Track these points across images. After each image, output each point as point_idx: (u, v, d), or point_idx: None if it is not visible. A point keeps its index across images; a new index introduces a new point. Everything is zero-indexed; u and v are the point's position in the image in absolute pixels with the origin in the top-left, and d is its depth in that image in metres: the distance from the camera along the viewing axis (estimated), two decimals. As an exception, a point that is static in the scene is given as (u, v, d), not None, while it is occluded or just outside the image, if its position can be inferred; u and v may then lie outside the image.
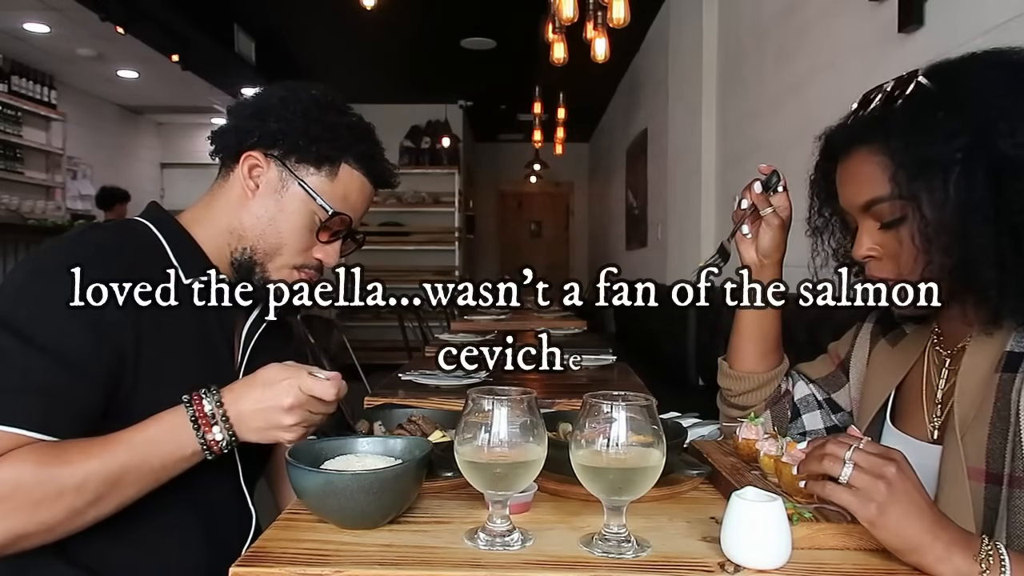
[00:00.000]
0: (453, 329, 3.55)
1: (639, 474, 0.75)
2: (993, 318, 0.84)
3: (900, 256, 0.90)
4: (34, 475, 0.80)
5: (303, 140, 1.07)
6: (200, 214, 1.11)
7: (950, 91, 0.85)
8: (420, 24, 5.97)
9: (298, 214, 1.08)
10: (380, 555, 0.74)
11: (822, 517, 0.79)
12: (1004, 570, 0.68)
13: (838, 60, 2.64)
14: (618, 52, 4.08)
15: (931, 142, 0.83)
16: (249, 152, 1.07)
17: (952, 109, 0.83)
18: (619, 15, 3.16)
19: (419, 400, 1.69)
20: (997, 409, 0.82)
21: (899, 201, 0.87)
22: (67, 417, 0.86)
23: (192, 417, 0.89)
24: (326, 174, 1.09)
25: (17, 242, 4.58)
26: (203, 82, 6.86)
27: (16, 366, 0.85)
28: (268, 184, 1.08)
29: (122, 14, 4.95)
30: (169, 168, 9.79)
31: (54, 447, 0.84)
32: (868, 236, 0.92)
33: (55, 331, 0.88)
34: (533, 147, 7.89)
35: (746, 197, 1.14)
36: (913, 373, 1.01)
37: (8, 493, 0.79)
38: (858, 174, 0.92)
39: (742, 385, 1.20)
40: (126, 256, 0.98)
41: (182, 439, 0.89)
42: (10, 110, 6.77)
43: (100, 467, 0.84)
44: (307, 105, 1.08)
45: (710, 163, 4.32)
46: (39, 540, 0.83)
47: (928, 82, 0.87)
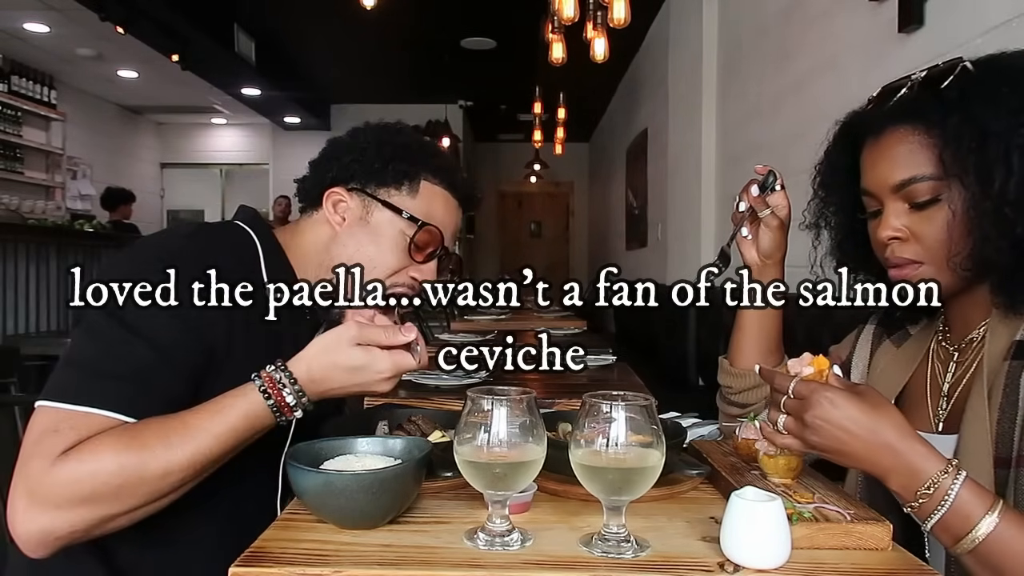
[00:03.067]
0: (453, 329, 3.55)
1: (638, 474, 0.75)
2: (1017, 300, 0.84)
3: (928, 238, 0.89)
4: (114, 462, 0.81)
5: (378, 163, 1.09)
6: (289, 239, 1.13)
7: (1006, 73, 0.85)
8: (420, 24, 5.97)
9: (386, 236, 1.09)
10: (380, 555, 0.74)
11: (822, 517, 0.80)
12: (942, 507, 0.75)
13: (838, 60, 2.64)
14: (618, 52, 4.08)
15: (995, 115, 0.82)
16: (331, 189, 1.10)
17: (1016, 85, 0.83)
18: (619, 15, 3.17)
19: (419, 400, 1.69)
20: (1007, 395, 0.84)
21: (942, 180, 0.86)
22: (157, 405, 0.88)
23: (273, 407, 0.89)
24: (407, 192, 1.11)
25: (17, 242, 4.58)
26: (203, 82, 6.87)
27: (117, 353, 0.87)
28: (353, 214, 1.10)
29: (122, 14, 4.95)
30: (169, 168, 9.80)
31: (134, 431, 0.84)
32: (895, 217, 0.91)
33: (157, 325, 0.90)
34: (533, 147, 7.89)
35: (743, 200, 1.14)
36: (917, 371, 1.02)
37: (87, 476, 0.80)
38: (894, 153, 0.90)
39: (742, 383, 1.20)
40: (230, 261, 0.99)
41: (261, 423, 0.90)
42: (10, 110, 6.78)
43: (180, 453, 0.84)
44: (376, 133, 1.12)
45: (710, 163, 4.33)
46: (125, 521, 0.84)
47: (974, 68, 0.87)
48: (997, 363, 0.86)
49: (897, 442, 0.79)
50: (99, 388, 0.85)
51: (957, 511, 0.75)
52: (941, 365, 0.98)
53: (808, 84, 2.94)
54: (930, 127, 0.87)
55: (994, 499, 0.75)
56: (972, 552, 0.75)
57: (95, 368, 0.87)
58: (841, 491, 0.91)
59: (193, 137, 9.81)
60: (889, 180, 0.91)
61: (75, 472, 0.80)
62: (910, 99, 0.91)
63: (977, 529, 0.74)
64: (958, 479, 0.76)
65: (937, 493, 0.76)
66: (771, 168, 1.14)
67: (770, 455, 0.94)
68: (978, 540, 0.74)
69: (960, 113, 0.84)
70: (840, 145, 1.03)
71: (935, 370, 0.99)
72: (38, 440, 0.81)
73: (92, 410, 0.83)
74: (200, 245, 1.02)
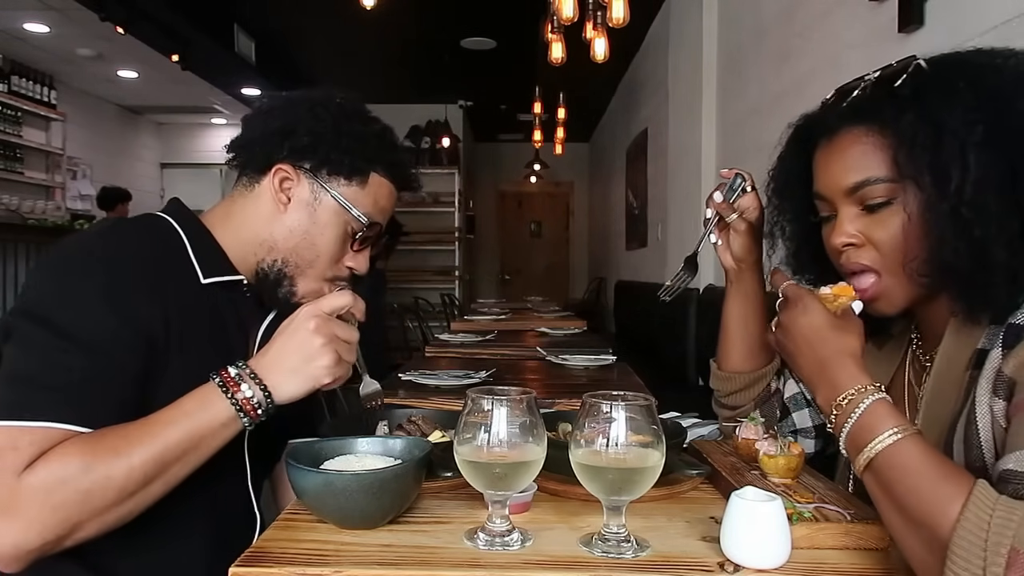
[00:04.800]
0: (453, 329, 3.55)
1: (638, 474, 0.75)
2: (975, 307, 0.80)
3: (883, 243, 0.86)
4: (80, 463, 0.81)
5: (335, 153, 1.07)
6: (222, 218, 1.10)
7: (961, 70, 0.82)
8: (420, 24, 5.97)
9: (332, 226, 1.08)
10: (380, 555, 0.74)
11: (822, 517, 0.79)
12: (851, 418, 0.75)
13: (838, 60, 2.64)
14: (618, 52, 4.08)
15: (950, 112, 0.78)
16: (279, 165, 1.07)
17: (971, 83, 0.79)
18: (619, 15, 3.16)
19: (419, 400, 1.69)
20: (970, 409, 0.79)
21: (897, 183, 0.83)
22: (108, 411, 0.87)
23: (219, 384, 0.90)
24: (357, 184, 1.09)
25: (17, 242, 4.58)
26: (203, 82, 6.87)
27: (57, 363, 0.86)
28: (300, 197, 1.08)
29: (122, 14, 4.95)
30: (169, 168, 9.80)
31: (95, 437, 0.84)
32: (849, 223, 0.88)
33: (91, 326, 0.88)
34: (533, 147, 7.88)
35: (710, 207, 1.14)
36: (897, 377, 0.99)
37: (57, 485, 0.80)
38: (847, 155, 0.87)
39: (729, 385, 1.20)
40: (153, 251, 0.99)
41: (215, 405, 0.89)
42: (10, 110, 6.78)
43: (142, 448, 0.84)
44: (336, 116, 1.08)
45: (710, 163, 4.32)
46: (96, 528, 0.83)
47: (927, 66, 0.84)
48: (959, 373, 0.83)
49: (834, 357, 0.80)
50: (48, 401, 0.84)
51: (863, 423, 0.73)
52: (915, 377, 0.95)
53: (808, 84, 2.94)
54: (884, 127, 0.84)
55: (907, 423, 0.72)
56: (868, 467, 0.72)
57: (40, 382, 0.85)
58: (841, 491, 0.91)
59: (193, 137, 9.80)
60: (842, 183, 0.87)
61: (45, 481, 0.79)
62: (864, 99, 0.88)
63: (876, 441, 0.71)
64: (873, 396, 0.74)
65: (849, 406, 0.75)
66: (739, 171, 1.14)
67: (770, 455, 0.94)
68: (875, 452, 0.71)
69: (914, 111, 0.81)
70: (793, 149, 1.00)
71: (911, 379, 0.97)
72: None
73: (49, 424, 0.82)
74: (119, 237, 0.99)
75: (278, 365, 0.92)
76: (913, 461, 0.69)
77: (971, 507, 0.61)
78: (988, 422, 0.75)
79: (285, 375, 0.92)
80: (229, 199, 1.13)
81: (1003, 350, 0.74)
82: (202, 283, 1.02)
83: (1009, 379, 0.72)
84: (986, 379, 0.76)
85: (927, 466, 0.68)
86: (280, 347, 0.93)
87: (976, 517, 0.60)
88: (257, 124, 1.11)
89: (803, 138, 0.98)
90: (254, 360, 0.93)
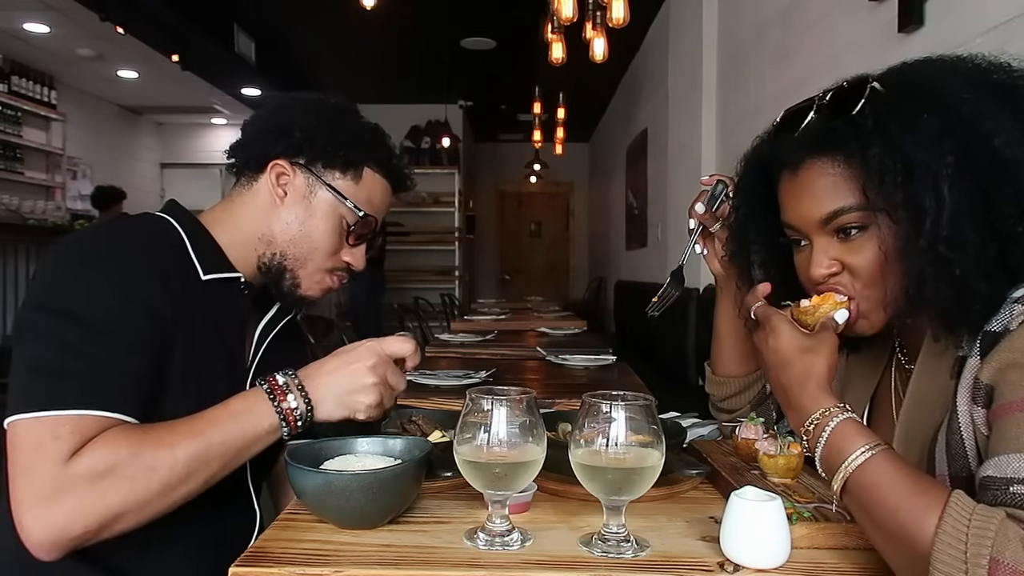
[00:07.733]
0: (453, 329, 3.55)
1: (638, 474, 0.75)
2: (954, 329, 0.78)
3: (860, 270, 0.84)
4: (128, 451, 0.82)
5: (329, 146, 1.10)
6: (221, 217, 1.12)
7: (919, 90, 0.79)
8: (420, 24, 5.97)
9: (327, 218, 1.10)
10: (379, 555, 0.74)
11: (821, 517, 0.80)
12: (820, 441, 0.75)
13: (838, 60, 2.64)
14: (618, 52, 4.08)
15: (917, 144, 0.75)
16: (275, 161, 1.09)
17: (935, 110, 0.76)
18: (618, 15, 3.16)
19: (419, 400, 1.69)
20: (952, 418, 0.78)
21: (868, 211, 0.81)
22: (136, 396, 0.89)
23: (267, 391, 0.92)
24: (351, 178, 1.12)
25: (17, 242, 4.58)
26: (203, 82, 6.86)
27: (81, 351, 0.87)
28: (296, 191, 1.10)
29: (122, 14, 4.95)
30: (169, 168, 9.79)
31: (142, 428, 0.86)
32: (824, 254, 0.86)
33: (113, 315, 0.90)
34: (533, 147, 7.88)
35: (692, 218, 1.14)
36: (883, 385, 0.98)
37: (106, 470, 0.81)
38: (816, 188, 0.85)
39: (725, 390, 1.21)
40: (157, 244, 1.01)
41: (260, 410, 0.91)
42: (10, 110, 6.77)
43: (188, 442, 0.86)
44: (328, 113, 1.12)
45: (710, 163, 4.32)
46: (135, 520, 0.84)
47: (883, 88, 0.81)
48: (942, 380, 0.81)
49: (796, 382, 0.80)
50: (78, 389, 0.85)
51: (832, 446, 0.74)
52: (901, 383, 0.94)
53: (808, 84, 2.93)
54: (849, 158, 0.82)
55: (875, 439, 0.72)
56: (844, 489, 0.72)
57: (67, 371, 0.86)
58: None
59: (193, 137, 9.80)
60: (815, 215, 0.85)
61: (94, 467, 0.81)
62: (825, 129, 0.85)
63: (847, 463, 0.71)
64: (838, 418, 0.75)
65: (816, 430, 0.76)
66: (720, 177, 1.13)
67: (770, 455, 0.95)
68: (848, 473, 0.71)
69: (879, 144, 0.78)
70: (753, 179, 0.98)
71: (897, 385, 0.96)
72: (38, 449, 0.81)
73: (84, 412, 0.83)
74: (125, 229, 1.02)
75: (326, 385, 0.95)
76: (885, 478, 0.68)
77: (947, 519, 0.61)
78: (971, 431, 0.74)
79: (330, 397, 0.95)
80: (227, 199, 1.15)
81: (980, 358, 0.73)
82: (202, 279, 1.03)
83: (987, 386, 0.71)
84: (965, 387, 0.75)
85: (900, 482, 0.67)
86: (333, 369, 0.95)
87: (953, 529, 0.60)
88: (252, 126, 1.14)
89: (763, 168, 0.95)
90: (303, 371, 0.95)
